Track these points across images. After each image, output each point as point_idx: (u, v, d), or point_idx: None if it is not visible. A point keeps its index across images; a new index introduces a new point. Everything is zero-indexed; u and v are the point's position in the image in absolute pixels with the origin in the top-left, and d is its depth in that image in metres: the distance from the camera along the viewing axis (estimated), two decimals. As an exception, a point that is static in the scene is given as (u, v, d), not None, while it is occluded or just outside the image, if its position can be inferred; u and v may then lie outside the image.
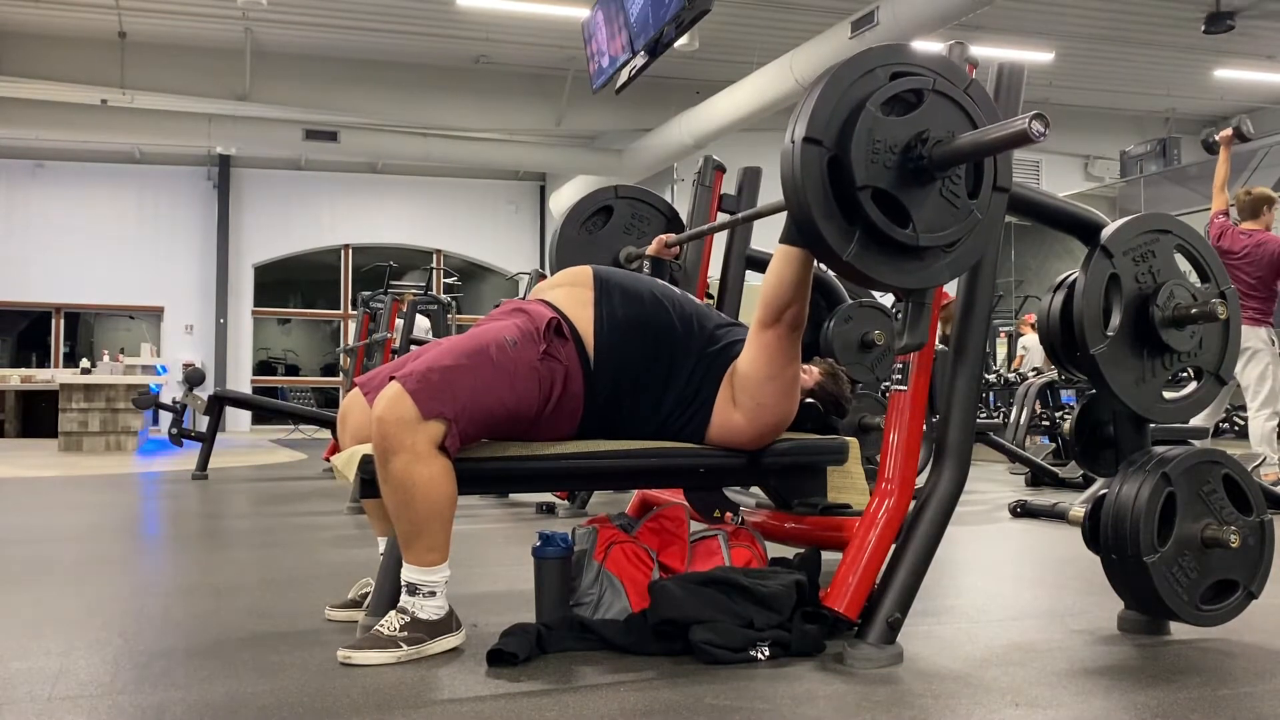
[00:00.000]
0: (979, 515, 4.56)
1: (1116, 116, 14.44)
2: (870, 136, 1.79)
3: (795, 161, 1.78)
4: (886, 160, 1.81)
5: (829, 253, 1.81)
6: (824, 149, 1.79)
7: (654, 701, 1.73)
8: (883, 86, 1.83)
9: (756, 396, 2.22)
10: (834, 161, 1.79)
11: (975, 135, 1.81)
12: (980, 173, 1.92)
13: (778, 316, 2.16)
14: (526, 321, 2.16)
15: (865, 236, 1.81)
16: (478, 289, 17.01)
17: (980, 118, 1.89)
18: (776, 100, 10.47)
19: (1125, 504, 2.10)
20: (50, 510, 5.13)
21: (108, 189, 15.15)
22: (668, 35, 6.06)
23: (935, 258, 1.89)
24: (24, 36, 10.90)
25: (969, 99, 1.89)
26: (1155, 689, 1.81)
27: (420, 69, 12.16)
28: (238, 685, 1.85)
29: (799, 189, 1.78)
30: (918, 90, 1.85)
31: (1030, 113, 1.70)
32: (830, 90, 1.80)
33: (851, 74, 1.83)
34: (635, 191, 3.81)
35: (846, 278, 1.90)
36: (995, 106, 1.98)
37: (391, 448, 1.95)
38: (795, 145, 1.79)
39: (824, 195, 1.79)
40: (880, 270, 1.84)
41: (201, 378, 8.58)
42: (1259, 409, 5.15)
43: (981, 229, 1.93)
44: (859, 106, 1.79)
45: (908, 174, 1.83)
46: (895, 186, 1.81)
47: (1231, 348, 2.36)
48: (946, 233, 1.87)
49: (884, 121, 1.81)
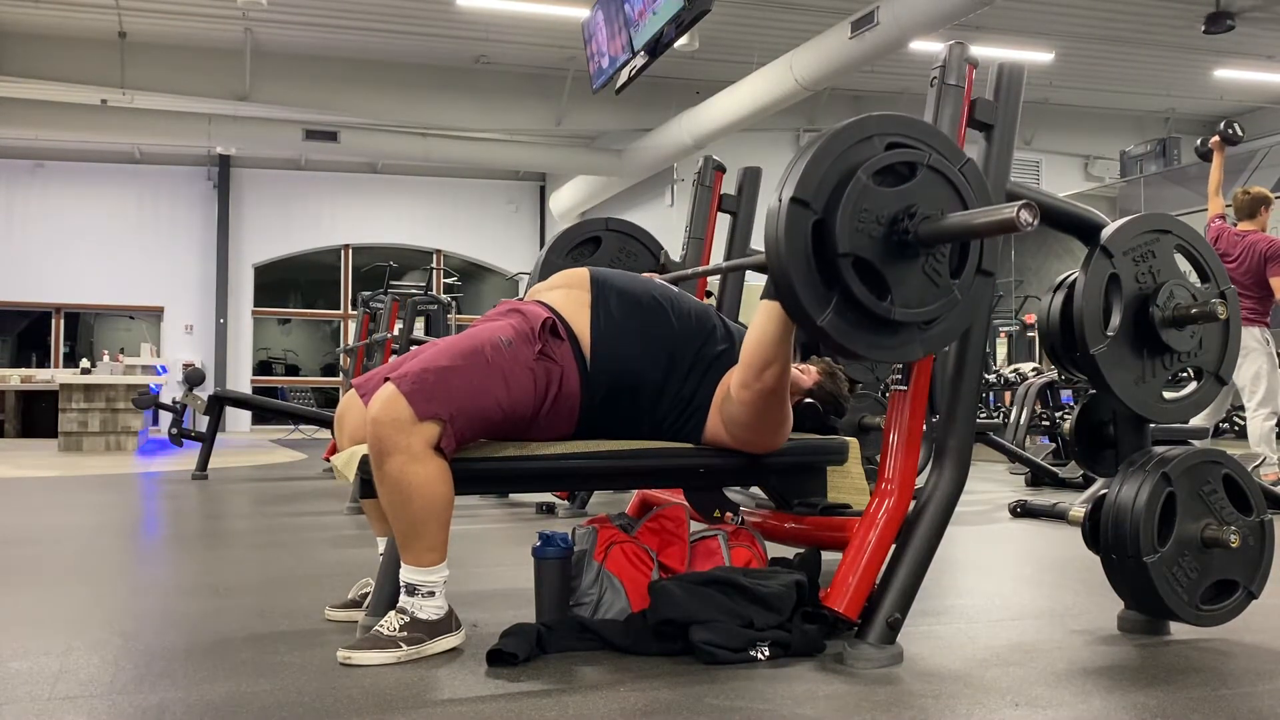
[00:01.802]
0: (979, 515, 4.56)
1: (1116, 116, 14.44)
2: (858, 204, 1.78)
3: (780, 221, 1.77)
4: (872, 230, 1.79)
5: (804, 316, 1.80)
6: (811, 211, 1.78)
7: (654, 701, 1.73)
8: (877, 155, 1.82)
9: (743, 435, 2.22)
10: (819, 225, 1.78)
11: (963, 217, 1.80)
12: (965, 253, 1.90)
13: (758, 375, 2.10)
14: (521, 321, 2.16)
15: (842, 304, 1.80)
16: (478, 289, 17.01)
17: (971, 198, 1.88)
18: (776, 100, 10.48)
19: (1125, 504, 2.10)
20: (50, 510, 5.13)
21: (108, 189, 15.15)
22: (668, 35, 6.06)
23: (911, 333, 1.87)
24: (24, 36, 10.89)
25: (963, 178, 1.88)
26: (1155, 689, 1.81)
27: (420, 69, 12.16)
28: (238, 685, 1.85)
29: (780, 248, 1.77)
30: (912, 163, 1.84)
31: (1020, 201, 1.69)
32: (824, 153, 1.80)
33: (847, 139, 1.82)
34: (626, 226, 3.79)
35: (820, 343, 1.89)
36: (989, 189, 1.96)
37: (387, 449, 1.95)
38: (782, 204, 1.77)
39: (805, 258, 1.78)
40: (854, 340, 1.82)
41: (201, 378, 8.58)
42: (1256, 409, 5.16)
43: (961, 310, 1.91)
44: (850, 173, 1.78)
45: (892, 246, 1.81)
46: (878, 258, 1.80)
47: (1231, 348, 2.36)
48: (924, 310, 1.85)
49: (873, 191, 1.80)
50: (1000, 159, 2.15)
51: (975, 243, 1.91)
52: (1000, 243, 1.98)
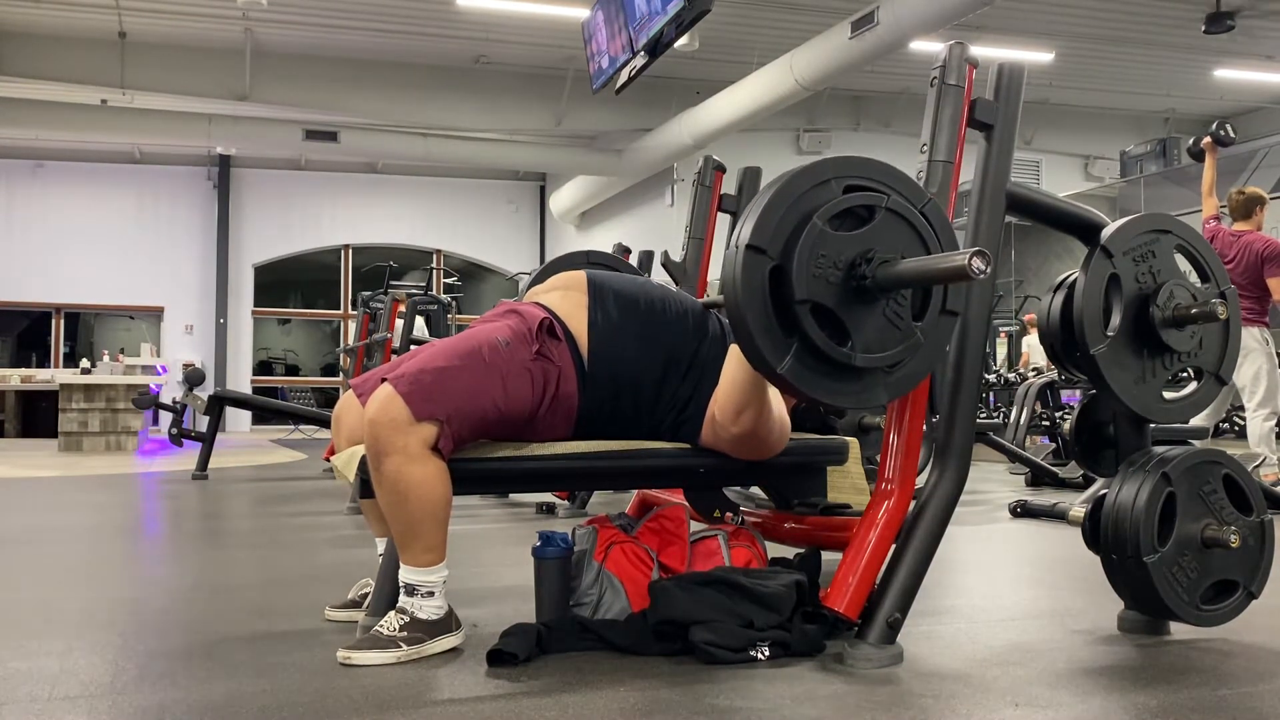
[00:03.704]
0: (979, 515, 4.56)
1: (1116, 116, 14.44)
2: (815, 250, 1.75)
3: (736, 267, 1.74)
4: (830, 275, 1.77)
5: (763, 364, 1.78)
6: (767, 258, 1.75)
7: (654, 701, 1.73)
8: (835, 199, 1.80)
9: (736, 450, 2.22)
10: (776, 271, 1.76)
11: (918, 264, 1.78)
12: (928, 295, 1.88)
13: (735, 419, 2.10)
14: (519, 322, 2.16)
15: (802, 350, 1.77)
16: (478, 289, 17.02)
17: (933, 241, 1.86)
18: (776, 100, 10.47)
19: (1125, 504, 2.10)
20: (50, 510, 5.13)
21: (108, 189, 15.16)
22: (668, 35, 6.06)
23: (875, 378, 1.84)
24: (24, 36, 10.89)
25: (924, 219, 1.86)
26: (1155, 689, 1.81)
27: (420, 69, 12.16)
28: (238, 685, 1.84)
29: (738, 295, 1.74)
30: (870, 206, 1.82)
31: (972, 249, 1.67)
32: (780, 198, 1.77)
33: (804, 184, 1.80)
34: (606, 259, 3.77)
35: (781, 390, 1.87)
36: (953, 232, 1.93)
37: (384, 450, 1.95)
38: (739, 251, 1.75)
39: (763, 305, 1.75)
40: (815, 387, 1.79)
41: (201, 378, 8.59)
42: (1256, 409, 5.16)
43: (924, 352, 1.89)
44: (807, 218, 1.76)
45: (850, 291, 1.79)
46: (837, 303, 1.78)
47: (1231, 348, 2.36)
48: (886, 354, 1.83)
49: (830, 236, 1.77)
50: (1000, 159, 2.15)
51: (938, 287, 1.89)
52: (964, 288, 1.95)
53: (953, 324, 1.95)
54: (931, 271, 1.76)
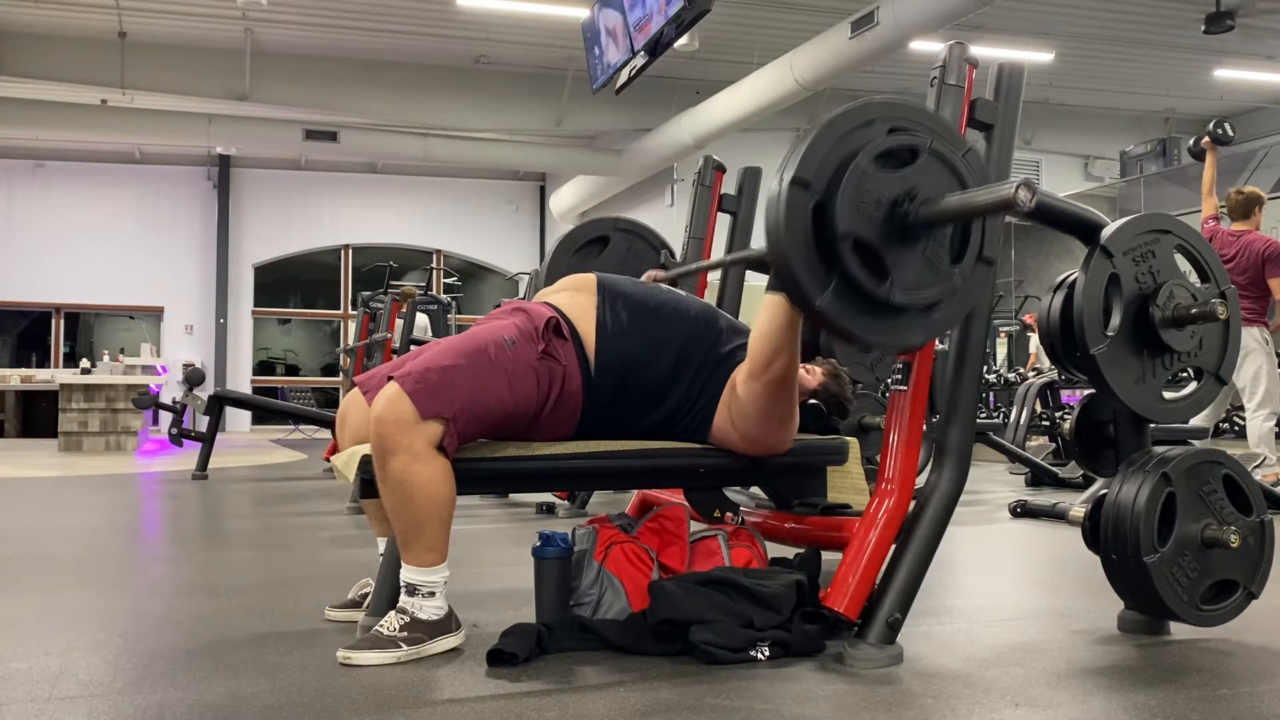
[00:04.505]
0: (979, 515, 4.56)
1: (1116, 116, 14.43)
2: (859, 186, 1.77)
3: (780, 201, 1.76)
4: (872, 213, 1.79)
5: (802, 297, 1.79)
6: (811, 193, 1.77)
7: (654, 701, 1.73)
8: (879, 139, 1.81)
9: (751, 431, 2.22)
10: (819, 207, 1.78)
11: (963, 197, 1.80)
12: (966, 239, 1.90)
13: (765, 368, 2.12)
14: (525, 321, 2.16)
15: (841, 286, 1.79)
16: (478, 289, 17.02)
17: (972, 184, 1.87)
18: (776, 100, 10.47)
19: (1125, 504, 2.10)
20: (50, 510, 5.13)
21: (108, 189, 15.16)
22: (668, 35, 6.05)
23: (911, 318, 1.86)
24: (24, 36, 10.89)
25: (965, 164, 1.88)
26: (1155, 689, 1.81)
27: (420, 69, 12.16)
28: (238, 685, 1.85)
29: (780, 230, 1.76)
30: (913, 148, 1.84)
31: (1020, 178, 1.69)
32: (825, 136, 1.79)
33: (849, 123, 1.82)
34: (633, 225, 3.78)
35: (818, 326, 1.89)
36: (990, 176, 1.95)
37: (389, 448, 1.95)
38: (782, 186, 1.77)
39: (804, 239, 1.77)
40: (852, 323, 1.81)
41: (201, 378, 8.59)
42: (1256, 409, 5.16)
43: (961, 296, 1.90)
44: (851, 156, 1.78)
45: (892, 229, 1.81)
46: (878, 240, 1.80)
47: (1231, 348, 2.36)
48: (924, 294, 1.84)
49: (874, 174, 1.79)
50: (1000, 159, 2.15)
51: (976, 229, 1.90)
52: (1001, 232, 1.98)
53: (989, 272, 1.96)
54: (978, 204, 1.77)
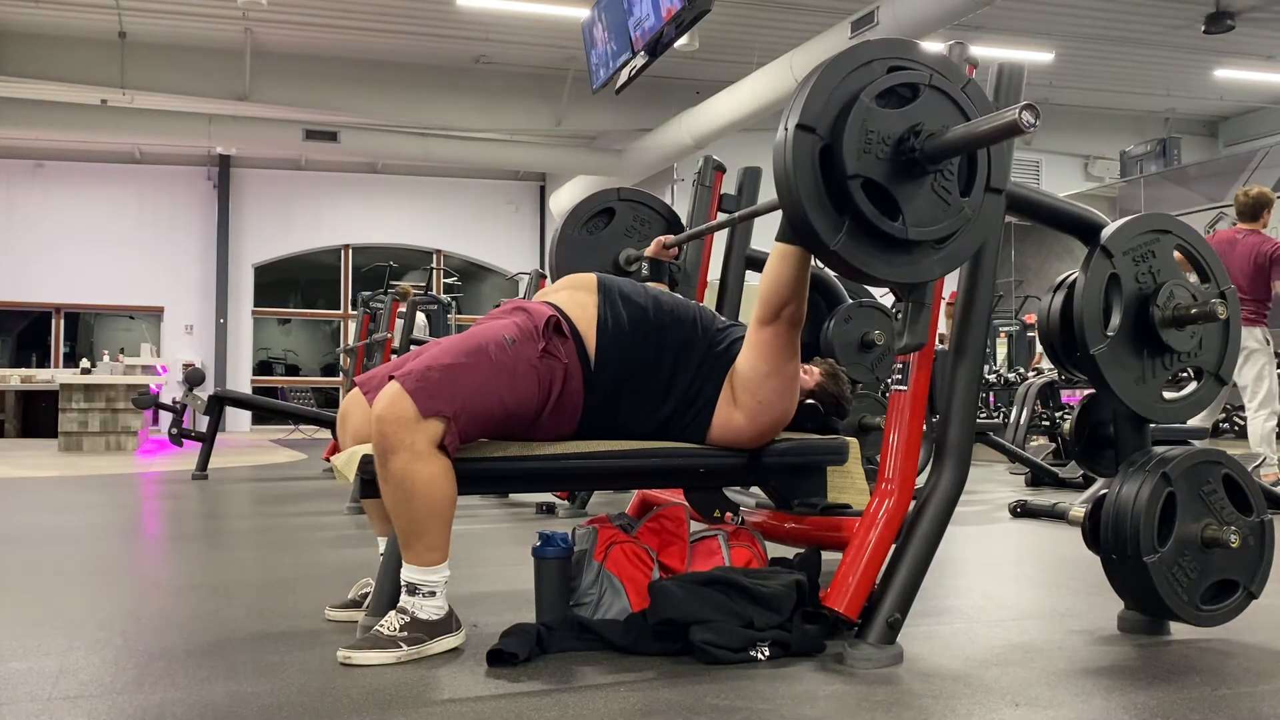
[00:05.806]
0: (979, 515, 4.56)
1: (1116, 116, 14.44)
2: (864, 127, 1.78)
3: (788, 148, 1.78)
4: (879, 151, 1.80)
5: (816, 241, 1.81)
6: (817, 137, 1.78)
7: (654, 701, 1.73)
8: (879, 79, 1.83)
9: (756, 394, 2.22)
10: (826, 151, 1.79)
11: (967, 126, 1.81)
12: (974, 170, 1.91)
13: (776, 314, 2.17)
14: (526, 320, 2.16)
15: (854, 227, 1.80)
16: (478, 289, 17.02)
17: (975, 115, 1.88)
18: (776, 100, 10.46)
19: (1125, 504, 2.10)
20: (50, 510, 5.13)
21: (108, 189, 15.15)
22: (668, 35, 6.05)
23: (925, 253, 1.88)
24: (24, 36, 10.89)
25: (965, 96, 1.89)
26: (1155, 689, 1.81)
27: (420, 69, 12.16)
28: (238, 685, 1.85)
29: (790, 175, 1.78)
30: (914, 85, 1.85)
31: (1021, 103, 1.70)
32: (826, 80, 1.80)
33: (848, 65, 1.82)
34: (637, 194, 3.79)
35: (834, 268, 1.90)
36: (991, 105, 1.96)
37: (391, 447, 1.95)
38: (789, 132, 1.78)
39: (814, 183, 1.78)
40: (868, 262, 1.83)
41: (201, 378, 8.58)
42: (1257, 409, 5.16)
43: (973, 227, 1.92)
44: (854, 97, 1.79)
45: (900, 166, 1.82)
46: (886, 178, 1.81)
47: (1231, 348, 2.36)
48: (936, 228, 1.86)
49: (878, 113, 1.80)
50: (1000, 159, 2.15)
51: (983, 159, 1.91)
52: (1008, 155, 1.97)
53: (999, 202, 1.97)
54: (982, 132, 1.77)
